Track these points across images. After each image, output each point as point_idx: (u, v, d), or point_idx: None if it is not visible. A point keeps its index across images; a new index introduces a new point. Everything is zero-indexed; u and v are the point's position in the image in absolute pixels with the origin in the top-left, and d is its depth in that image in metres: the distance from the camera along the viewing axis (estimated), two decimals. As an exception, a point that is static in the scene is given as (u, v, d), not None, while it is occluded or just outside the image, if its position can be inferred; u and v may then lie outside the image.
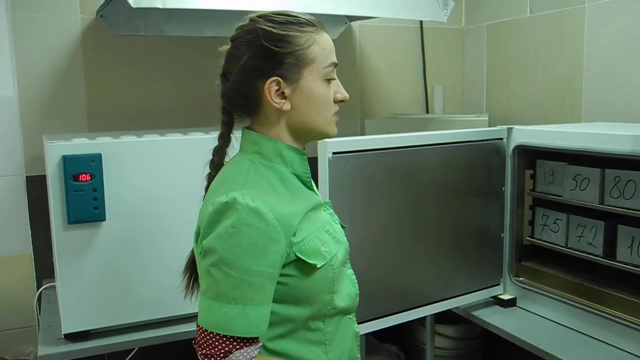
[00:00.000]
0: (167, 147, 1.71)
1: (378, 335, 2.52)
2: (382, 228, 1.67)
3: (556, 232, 1.84)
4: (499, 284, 1.94)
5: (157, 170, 1.68)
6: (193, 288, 1.20)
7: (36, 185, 2.13)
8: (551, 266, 1.88)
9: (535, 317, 1.83)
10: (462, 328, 2.37)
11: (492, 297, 1.94)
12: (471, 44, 2.85)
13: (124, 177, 1.64)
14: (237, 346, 1.00)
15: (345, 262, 1.18)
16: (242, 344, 1.00)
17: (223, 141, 1.16)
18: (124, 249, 1.67)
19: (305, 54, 1.06)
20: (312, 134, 1.13)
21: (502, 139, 1.87)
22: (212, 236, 1.01)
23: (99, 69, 2.23)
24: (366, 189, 1.61)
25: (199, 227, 1.07)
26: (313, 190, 1.17)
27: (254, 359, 1.01)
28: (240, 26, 1.10)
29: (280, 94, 1.07)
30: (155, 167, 1.68)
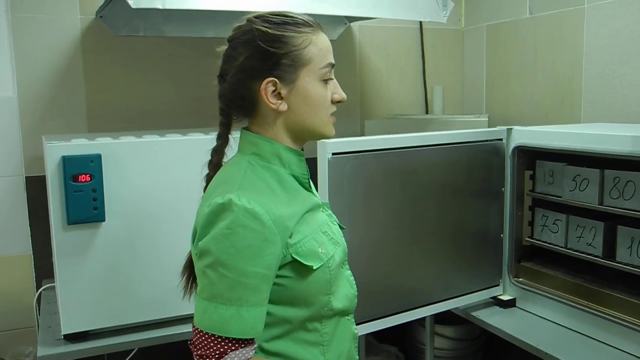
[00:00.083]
0: (167, 147, 1.71)
1: (378, 335, 2.52)
2: (382, 228, 1.67)
3: (556, 233, 1.84)
4: (498, 285, 1.94)
5: (157, 170, 1.69)
6: (191, 288, 1.19)
7: (36, 186, 2.13)
8: (551, 267, 1.88)
9: (534, 318, 1.83)
10: (461, 329, 2.37)
11: (491, 297, 1.94)
12: (471, 44, 2.85)
13: (123, 178, 1.64)
14: (232, 347, 1.00)
15: (344, 264, 1.18)
16: (238, 345, 1.00)
17: (221, 142, 1.16)
18: (123, 250, 1.67)
19: (302, 54, 1.06)
20: (309, 134, 1.13)
21: (501, 139, 1.88)
22: (207, 237, 1.01)
23: (99, 70, 2.23)
24: (366, 190, 1.61)
25: (196, 228, 1.07)
26: (311, 191, 1.17)
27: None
28: (237, 27, 1.10)
29: (277, 95, 1.07)
30: (154, 167, 1.68)
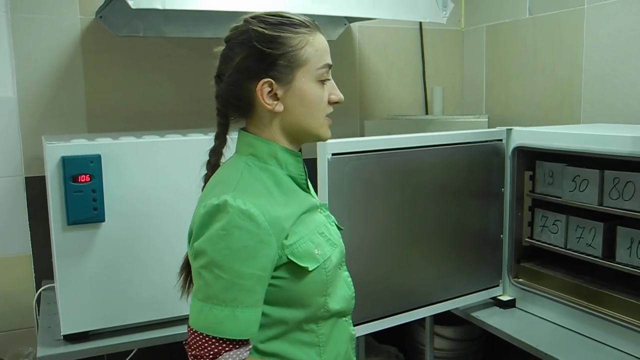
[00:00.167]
0: (167, 148, 1.71)
1: (377, 336, 2.52)
2: (382, 229, 1.67)
3: (555, 234, 1.84)
4: (498, 285, 1.94)
5: (157, 171, 1.68)
6: (189, 289, 1.19)
7: (35, 186, 2.13)
8: (550, 267, 1.88)
9: (534, 318, 1.83)
10: (461, 329, 2.37)
11: (491, 298, 1.94)
12: (470, 45, 2.85)
13: (123, 178, 1.64)
14: (227, 348, 1.00)
15: (341, 265, 1.18)
16: (232, 346, 1.00)
17: (218, 142, 1.16)
18: (123, 250, 1.67)
19: (298, 55, 1.06)
20: (306, 135, 1.12)
21: (501, 140, 1.88)
22: (203, 238, 1.01)
23: (99, 70, 2.23)
24: (365, 190, 1.61)
25: (192, 229, 1.07)
26: (309, 192, 1.17)
27: None
28: (234, 27, 1.10)
29: (273, 96, 1.07)
30: (154, 168, 1.68)
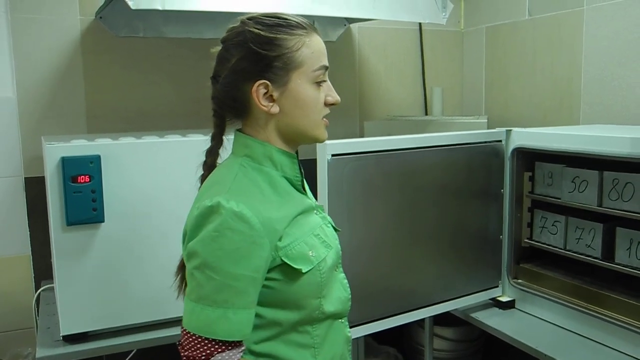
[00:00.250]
0: (166, 148, 1.71)
1: (377, 337, 2.52)
2: (381, 230, 1.67)
3: (555, 235, 1.84)
4: (497, 286, 1.94)
5: (156, 171, 1.68)
6: (185, 289, 1.19)
7: (35, 187, 2.12)
8: (550, 268, 1.88)
9: (533, 319, 1.83)
10: (460, 330, 2.37)
11: (490, 299, 1.94)
12: (470, 46, 2.86)
13: (122, 179, 1.64)
14: (219, 349, 1.00)
15: (337, 267, 1.17)
16: (224, 347, 1.00)
17: (215, 143, 1.16)
18: (122, 251, 1.67)
19: (294, 57, 1.05)
20: (302, 137, 1.12)
21: (500, 141, 1.88)
22: (196, 239, 1.01)
23: (98, 71, 2.23)
24: (365, 191, 1.61)
25: (186, 230, 1.07)
26: (305, 193, 1.16)
27: None
28: (230, 28, 1.10)
29: (269, 97, 1.06)
30: (154, 168, 1.68)
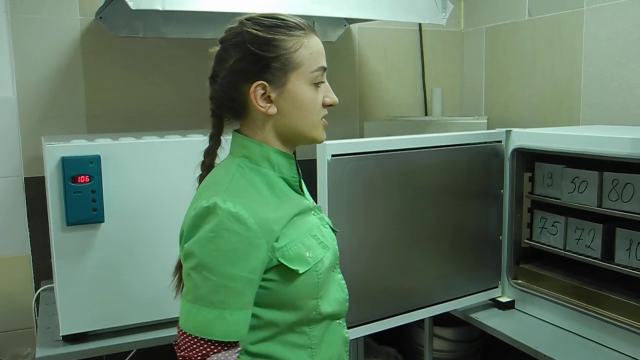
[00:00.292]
0: (166, 149, 1.71)
1: (376, 337, 2.52)
2: (381, 230, 1.67)
3: (554, 235, 1.84)
4: (497, 287, 1.94)
5: (156, 172, 1.68)
6: (182, 289, 1.19)
7: (35, 187, 2.12)
8: (549, 269, 1.88)
9: (533, 320, 1.83)
10: (460, 330, 2.37)
11: (490, 299, 1.94)
12: (470, 46, 2.86)
13: (122, 179, 1.64)
14: (215, 349, 1.00)
15: (334, 267, 1.17)
16: (220, 348, 1.00)
17: (213, 143, 1.16)
18: (122, 251, 1.67)
19: (292, 58, 1.05)
20: (300, 138, 1.12)
21: (500, 141, 1.88)
22: (192, 240, 1.02)
23: (98, 71, 2.23)
24: (365, 192, 1.61)
25: (183, 230, 1.07)
26: (302, 194, 1.16)
27: None
28: (228, 28, 1.10)
29: (266, 98, 1.06)
30: (154, 169, 1.68)
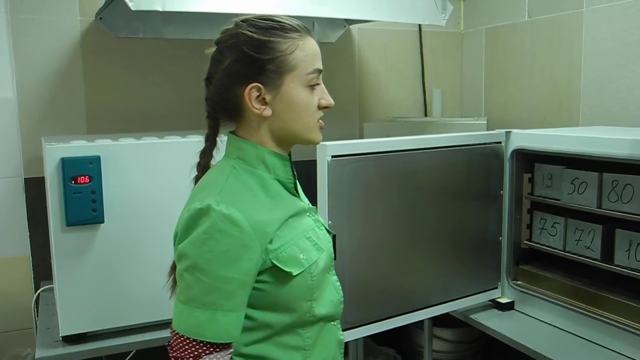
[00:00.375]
0: (166, 149, 1.71)
1: (376, 338, 2.52)
2: (381, 231, 1.67)
3: (554, 236, 1.84)
4: (497, 288, 1.94)
5: (156, 172, 1.69)
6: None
7: (34, 187, 2.13)
8: (549, 270, 1.88)
9: (533, 321, 1.83)
10: (460, 331, 2.37)
11: (490, 300, 1.94)
12: (470, 47, 2.86)
13: (122, 180, 1.64)
14: (207, 351, 1.00)
15: (329, 269, 1.17)
16: (212, 349, 1.00)
17: (208, 144, 1.15)
18: (122, 252, 1.67)
19: (287, 60, 1.05)
20: (295, 140, 1.12)
21: (500, 142, 1.88)
22: (186, 241, 1.02)
23: (98, 72, 2.23)
24: (365, 192, 1.61)
25: (177, 231, 1.07)
26: (297, 196, 1.16)
27: None
28: (224, 29, 1.09)
29: (261, 100, 1.06)
30: (154, 169, 1.68)
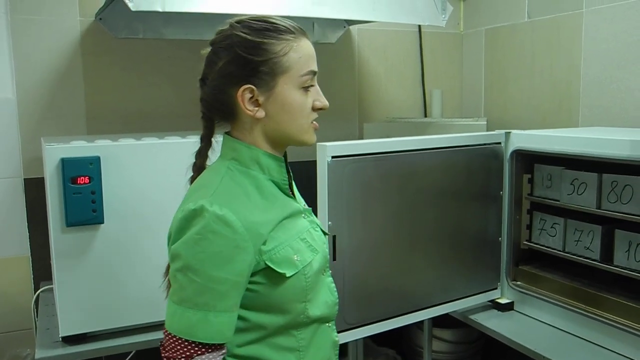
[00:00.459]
0: (166, 150, 1.71)
1: (376, 339, 2.52)
2: (381, 231, 1.67)
3: (554, 237, 1.84)
4: (496, 288, 1.94)
5: (156, 173, 1.69)
6: None
7: (34, 188, 2.13)
8: (549, 270, 1.88)
9: (532, 321, 1.83)
10: (459, 332, 2.37)
11: (489, 301, 1.94)
12: (469, 48, 2.86)
13: (122, 180, 1.64)
14: (199, 351, 1.00)
15: (324, 270, 1.17)
16: (204, 350, 1.00)
17: (203, 144, 1.16)
18: (122, 252, 1.67)
19: (281, 62, 1.05)
20: (289, 141, 1.12)
21: (500, 143, 1.88)
22: (179, 242, 1.02)
23: (98, 72, 2.23)
24: (365, 193, 1.61)
25: (171, 232, 1.07)
26: (292, 197, 1.16)
27: None
28: (219, 30, 1.09)
29: (254, 102, 1.06)
30: (153, 170, 1.68)
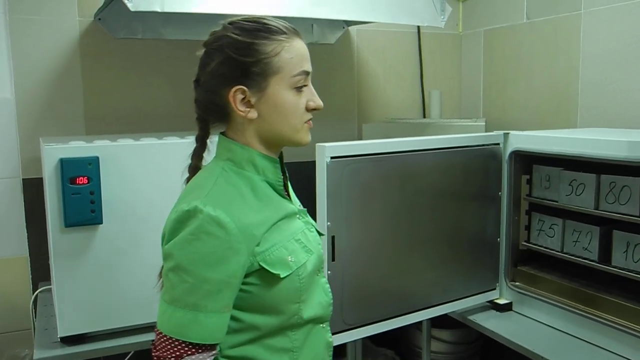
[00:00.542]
0: (165, 150, 1.71)
1: (374, 339, 2.52)
2: (379, 232, 1.67)
3: (552, 237, 1.84)
4: (495, 289, 1.95)
5: (155, 173, 1.68)
6: None
7: (32, 188, 2.12)
8: (547, 271, 1.89)
9: (531, 322, 1.83)
10: (458, 332, 2.38)
11: (488, 301, 1.95)
12: (468, 49, 2.86)
13: (121, 180, 1.64)
14: (189, 351, 1.00)
15: (319, 271, 1.17)
16: (194, 350, 1.00)
17: (198, 145, 1.16)
18: (120, 252, 1.67)
19: (272, 62, 1.05)
20: (282, 141, 1.12)
21: (498, 144, 1.88)
22: (172, 242, 1.02)
23: (97, 72, 2.23)
24: (363, 193, 1.62)
25: (164, 232, 1.07)
26: (287, 198, 1.16)
27: None
28: (212, 32, 1.10)
29: (246, 103, 1.06)
30: (152, 170, 1.68)
